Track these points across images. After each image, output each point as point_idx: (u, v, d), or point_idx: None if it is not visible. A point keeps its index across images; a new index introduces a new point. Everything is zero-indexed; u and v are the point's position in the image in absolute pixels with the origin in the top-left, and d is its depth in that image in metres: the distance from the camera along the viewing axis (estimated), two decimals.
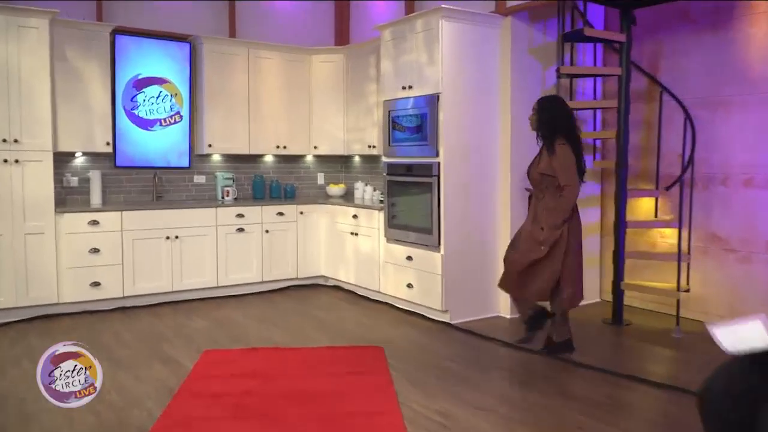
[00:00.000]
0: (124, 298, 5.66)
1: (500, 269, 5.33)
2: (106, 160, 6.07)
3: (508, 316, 5.38)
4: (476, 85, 5.22)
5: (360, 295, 6.23)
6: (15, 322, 5.16)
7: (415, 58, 5.25)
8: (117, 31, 5.92)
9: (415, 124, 5.31)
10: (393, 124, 5.55)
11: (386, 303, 5.85)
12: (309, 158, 7.27)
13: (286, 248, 6.48)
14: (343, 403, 3.49)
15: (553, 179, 4.08)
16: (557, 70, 5.12)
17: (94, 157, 6.00)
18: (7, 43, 5.06)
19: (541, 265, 4.12)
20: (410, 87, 5.31)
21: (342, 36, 7.30)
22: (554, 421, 3.30)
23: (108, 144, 5.79)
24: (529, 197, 4.39)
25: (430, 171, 5.15)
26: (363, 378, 3.88)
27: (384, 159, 5.73)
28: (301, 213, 6.53)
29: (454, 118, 5.10)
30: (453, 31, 5.03)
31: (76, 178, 5.94)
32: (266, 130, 6.60)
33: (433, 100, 5.08)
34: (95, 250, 5.47)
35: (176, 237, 5.84)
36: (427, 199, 5.19)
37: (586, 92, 5.75)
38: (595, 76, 5.56)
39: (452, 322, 5.18)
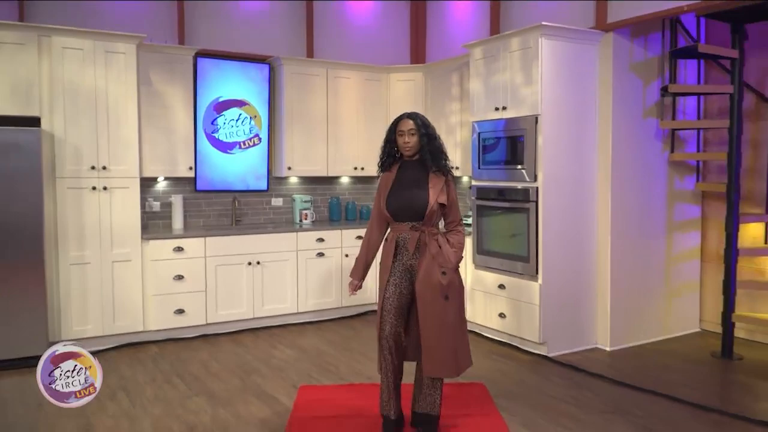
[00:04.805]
0: (206, 325, 5.56)
1: (599, 297, 5.07)
2: (187, 184, 6.01)
3: (607, 348, 5.08)
4: (575, 106, 4.97)
5: None
6: (102, 350, 5.09)
7: (510, 77, 5.03)
8: (199, 54, 5.86)
9: (510, 147, 5.08)
10: (483, 146, 5.33)
11: (473, 332, 5.61)
12: None
13: None
14: None
15: (438, 212, 3.39)
16: (664, 88, 4.85)
17: (175, 181, 5.95)
18: (95, 69, 5.02)
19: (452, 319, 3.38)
20: (504, 108, 5.09)
21: (418, 54, 7.13)
22: None
23: (190, 169, 5.72)
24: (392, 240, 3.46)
25: (527, 196, 4.90)
26: (474, 421, 3.65)
27: (473, 182, 5.50)
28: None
29: (554, 140, 4.86)
30: (553, 49, 4.79)
31: (158, 203, 5.89)
32: (344, 151, 6.46)
33: (530, 121, 4.84)
34: (179, 277, 5.38)
35: (257, 263, 5.72)
36: (523, 226, 4.95)
37: (687, 111, 5.43)
38: (704, 94, 5.25)
39: (550, 355, 4.91)
